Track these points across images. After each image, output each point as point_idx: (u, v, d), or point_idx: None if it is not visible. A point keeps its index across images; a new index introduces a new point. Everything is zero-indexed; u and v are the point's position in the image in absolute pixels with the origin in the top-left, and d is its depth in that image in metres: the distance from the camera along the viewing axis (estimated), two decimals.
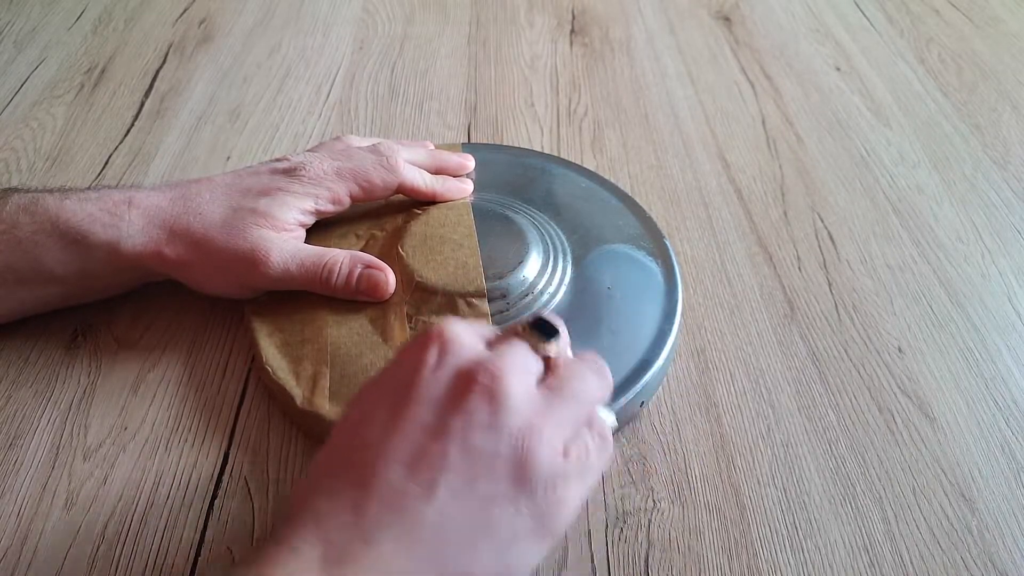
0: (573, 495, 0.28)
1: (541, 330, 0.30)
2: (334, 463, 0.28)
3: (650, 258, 0.44)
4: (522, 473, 0.27)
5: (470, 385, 0.27)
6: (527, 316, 0.31)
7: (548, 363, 0.30)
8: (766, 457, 0.37)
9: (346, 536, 0.25)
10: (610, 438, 0.30)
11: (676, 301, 0.41)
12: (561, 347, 0.30)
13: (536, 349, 0.30)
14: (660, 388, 0.40)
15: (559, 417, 0.28)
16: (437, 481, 0.26)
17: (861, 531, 0.35)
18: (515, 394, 0.27)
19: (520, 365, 0.29)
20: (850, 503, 0.36)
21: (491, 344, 0.30)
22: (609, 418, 0.31)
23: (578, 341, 0.38)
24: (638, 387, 0.37)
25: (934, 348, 0.42)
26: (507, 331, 0.31)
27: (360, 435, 0.28)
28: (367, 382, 0.30)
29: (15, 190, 0.40)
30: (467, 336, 0.29)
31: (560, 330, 0.30)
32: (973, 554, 0.34)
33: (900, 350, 0.42)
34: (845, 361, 0.42)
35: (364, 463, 0.26)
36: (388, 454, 0.26)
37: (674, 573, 0.33)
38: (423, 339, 0.29)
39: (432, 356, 0.28)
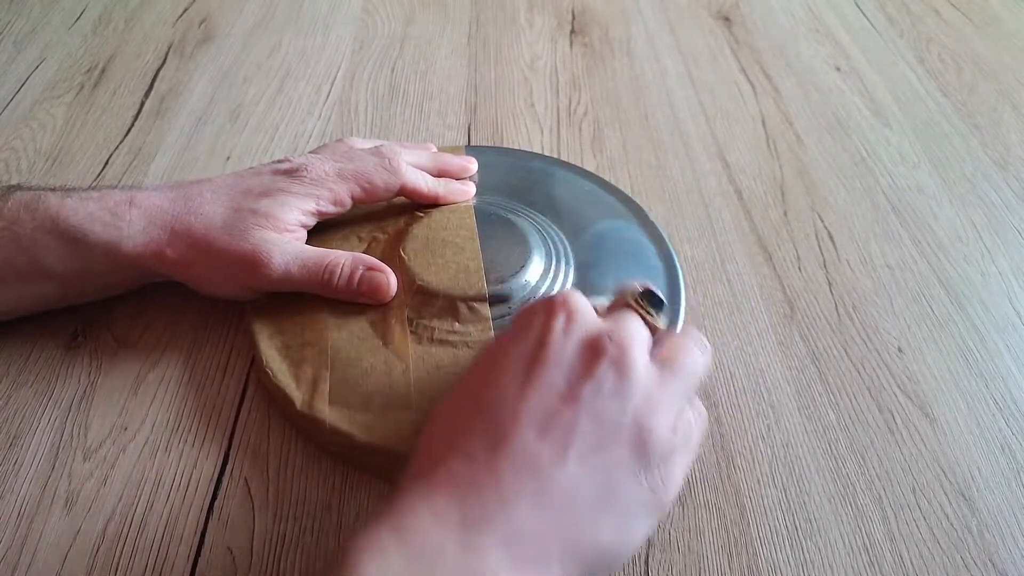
0: (680, 468, 0.29)
1: (651, 302, 0.31)
2: (467, 419, 0.28)
3: (652, 263, 0.44)
4: (642, 445, 0.28)
5: (599, 354, 0.28)
6: (634, 286, 0.32)
7: (654, 332, 0.31)
8: (766, 457, 0.37)
9: (482, 499, 0.26)
10: (706, 413, 0.32)
11: (679, 306, 0.41)
12: (667, 319, 0.32)
13: (646, 321, 0.31)
14: None
15: (670, 390, 0.29)
16: (569, 445, 0.27)
17: (861, 531, 0.35)
18: (638, 366, 0.28)
19: (638, 336, 0.30)
20: (850, 503, 0.36)
21: (603, 314, 0.31)
22: None
23: None
24: None
25: (934, 348, 0.42)
26: (618, 301, 0.32)
27: (493, 392, 0.28)
28: (493, 342, 0.31)
29: (17, 187, 0.40)
30: (588, 306, 0.31)
31: (664, 301, 0.32)
32: (973, 554, 0.34)
33: (900, 350, 0.42)
34: (845, 361, 0.42)
35: (498, 423, 0.27)
36: (522, 418, 0.27)
37: (674, 573, 0.33)
38: (548, 306, 0.30)
39: (560, 322, 0.29)
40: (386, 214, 0.46)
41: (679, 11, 0.72)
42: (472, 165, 0.49)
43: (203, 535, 0.34)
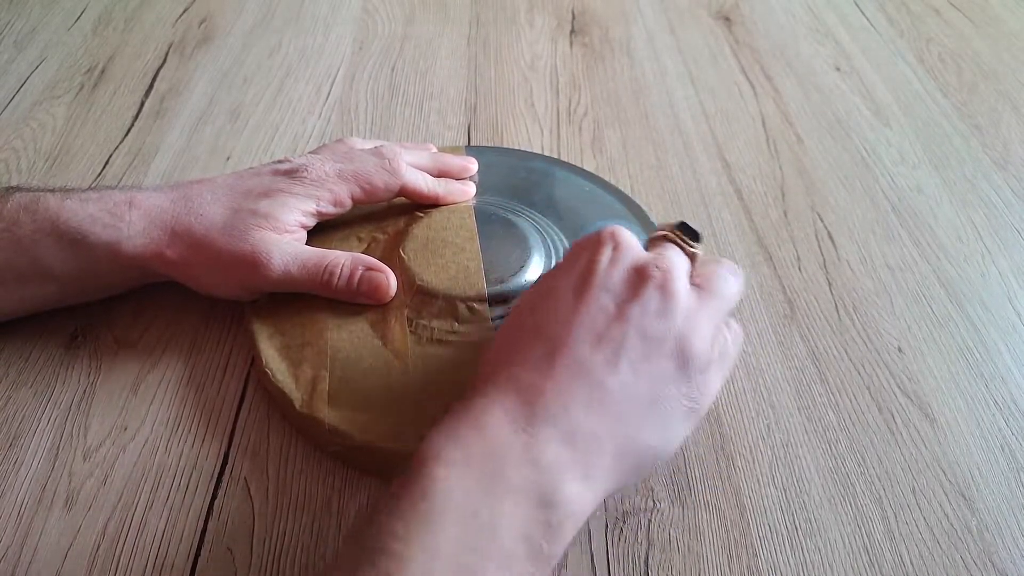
0: (716, 381, 0.32)
1: (689, 233, 0.34)
2: (523, 336, 0.31)
3: None
4: (684, 358, 0.31)
5: (645, 279, 0.31)
6: (673, 221, 0.35)
7: (693, 261, 0.34)
8: (766, 457, 0.37)
9: (544, 400, 0.29)
10: (741, 331, 0.34)
11: None
12: (704, 248, 0.35)
13: (684, 250, 0.34)
14: None
15: (708, 311, 0.32)
16: (619, 356, 0.30)
17: (861, 531, 0.35)
18: (679, 290, 0.31)
19: (679, 264, 0.33)
20: (850, 503, 0.36)
21: (648, 246, 0.35)
22: None
23: None
24: None
25: (934, 348, 0.42)
26: (659, 236, 0.35)
27: (547, 312, 0.32)
28: (546, 274, 0.35)
29: (16, 189, 0.40)
30: (633, 238, 0.34)
31: (700, 233, 0.35)
32: (973, 554, 0.34)
33: (900, 350, 0.42)
34: (845, 361, 0.42)
35: (554, 336, 0.30)
36: (575, 330, 0.30)
37: (674, 573, 0.33)
38: (596, 238, 0.33)
39: (607, 252, 0.33)
40: (386, 214, 0.46)
41: (679, 11, 0.72)
42: (472, 165, 0.49)
43: (203, 535, 0.34)
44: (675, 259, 0.33)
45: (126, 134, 0.56)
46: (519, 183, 0.49)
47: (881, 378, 0.41)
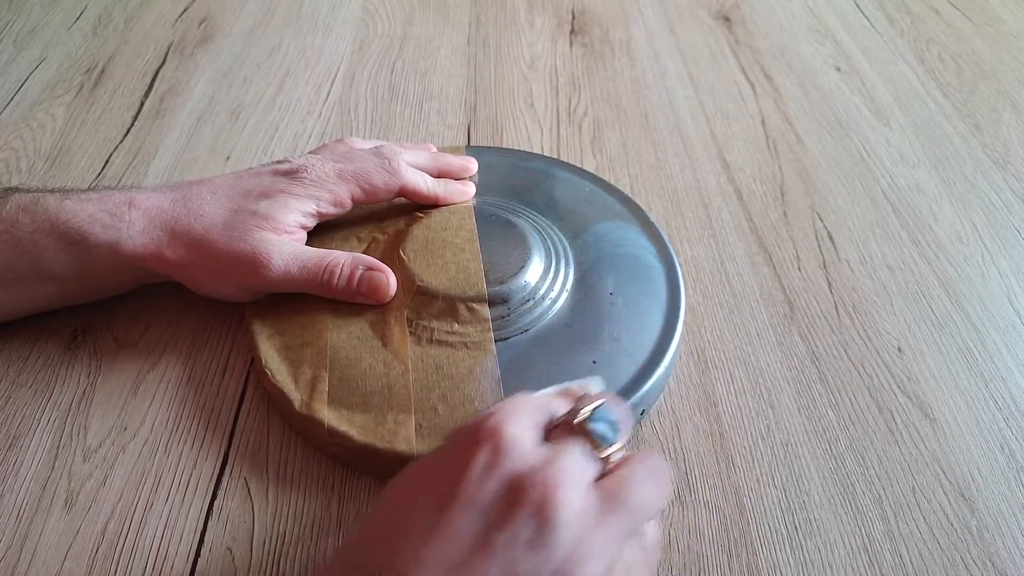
0: None
1: (601, 431, 0.28)
2: (372, 555, 0.26)
3: (653, 264, 0.44)
4: None
5: (520, 498, 0.25)
6: (587, 407, 0.28)
7: (606, 463, 0.28)
8: (766, 457, 0.37)
9: None
10: (656, 550, 0.28)
11: (679, 309, 0.41)
12: (621, 446, 0.28)
13: (597, 448, 0.27)
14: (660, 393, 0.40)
15: (608, 530, 0.26)
16: None
17: (860, 530, 0.35)
18: (564, 512, 0.25)
19: (576, 472, 0.26)
20: (850, 503, 0.36)
21: (550, 434, 0.28)
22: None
23: (579, 348, 0.39)
24: (638, 396, 0.37)
25: (934, 348, 0.42)
26: (564, 424, 0.28)
27: (397, 533, 0.26)
28: (409, 469, 0.28)
29: (16, 190, 0.40)
30: (523, 436, 0.27)
31: (623, 428, 0.28)
32: (973, 554, 0.34)
33: (900, 350, 0.42)
34: (845, 361, 0.42)
35: (401, 568, 0.25)
36: (424, 564, 0.25)
37: (674, 573, 0.33)
38: (473, 435, 0.27)
39: (484, 457, 0.26)
40: (386, 215, 0.46)
41: (679, 11, 0.72)
42: (472, 165, 0.49)
43: (203, 535, 0.34)
44: (570, 466, 0.26)
45: (126, 134, 0.56)
46: (519, 183, 0.49)
47: (881, 378, 0.41)
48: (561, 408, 0.29)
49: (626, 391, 0.37)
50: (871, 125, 0.59)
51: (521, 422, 0.27)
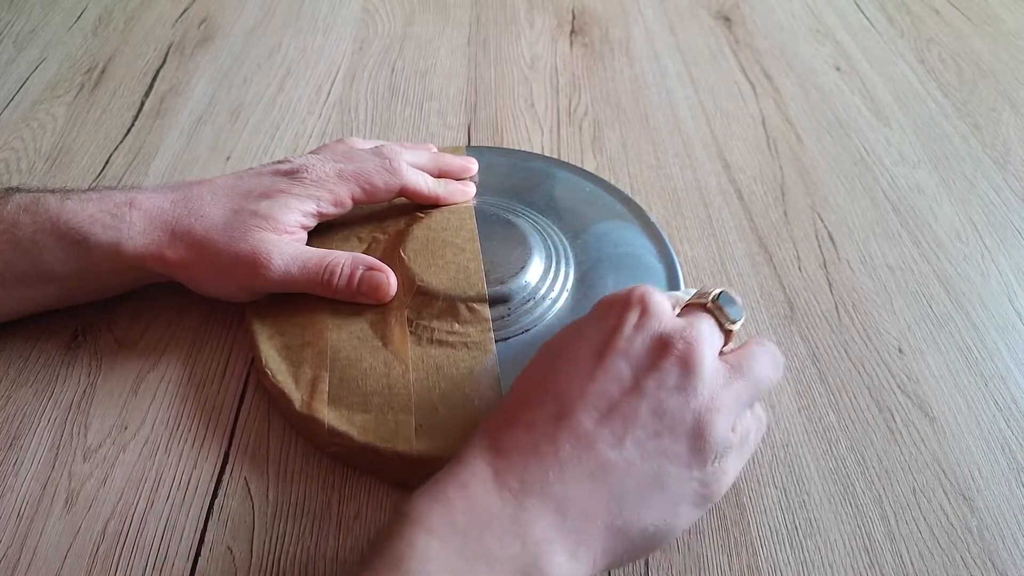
0: (733, 469, 0.30)
1: (728, 307, 0.32)
2: (534, 394, 0.30)
3: (653, 264, 0.44)
4: (700, 441, 0.29)
5: (667, 350, 0.29)
6: (714, 290, 0.32)
7: (728, 337, 0.32)
8: (766, 457, 0.37)
9: (542, 467, 0.27)
10: (766, 419, 0.33)
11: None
12: (742, 324, 0.32)
13: (720, 324, 0.32)
14: None
15: (734, 393, 0.30)
16: (626, 432, 0.28)
17: (861, 530, 0.35)
18: (704, 365, 0.29)
19: (709, 337, 0.31)
20: (850, 503, 0.36)
21: (681, 312, 0.32)
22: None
23: None
24: None
25: (934, 348, 0.42)
26: (695, 303, 0.33)
27: (561, 374, 0.30)
28: (563, 330, 0.33)
29: (16, 190, 0.40)
30: (664, 304, 0.32)
31: (743, 309, 0.32)
32: (973, 554, 0.34)
33: (900, 350, 0.42)
34: (845, 361, 0.42)
35: (563, 402, 0.29)
36: (586, 399, 0.29)
37: (674, 573, 0.33)
38: (625, 299, 0.31)
39: (633, 317, 0.31)
40: (386, 215, 0.46)
41: (679, 11, 0.72)
42: (473, 165, 0.49)
43: (203, 535, 0.34)
44: (705, 331, 0.31)
45: (126, 134, 0.56)
46: (519, 183, 0.49)
47: (881, 378, 0.41)
48: (684, 297, 0.34)
49: None
50: (871, 125, 0.59)
51: (661, 296, 0.32)
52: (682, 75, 0.63)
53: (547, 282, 0.41)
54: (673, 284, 0.43)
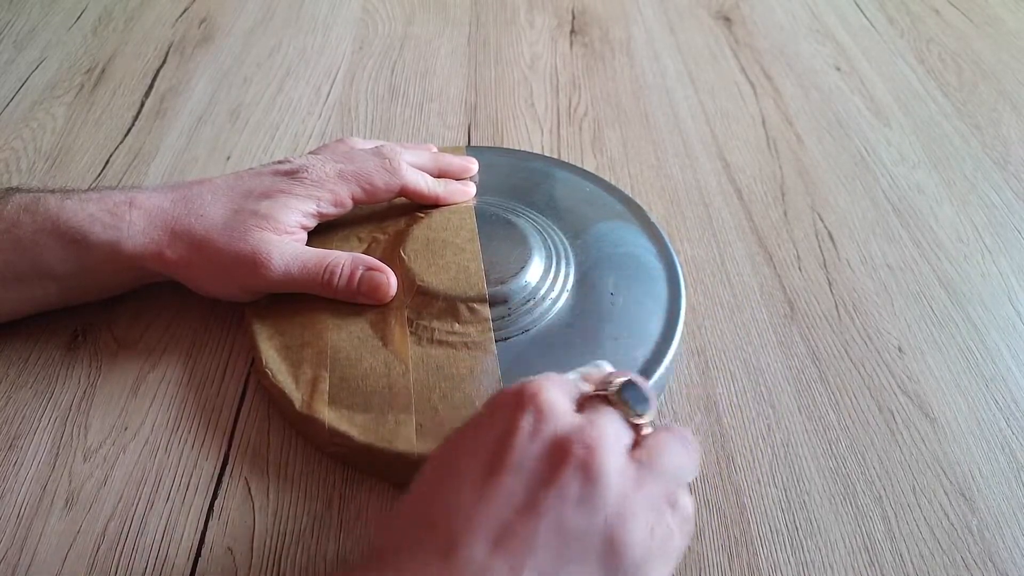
0: None
1: (634, 399, 0.29)
2: (419, 518, 0.27)
3: (653, 265, 0.44)
4: (613, 555, 0.25)
5: (565, 457, 0.26)
6: (617, 380, 0.29)
7: (638, 431, 0.29)
8: (766, 457, 0.37)
9: None
10: (692, 518, 0.29)
11: (679, 309, 0.41)
12: (652, 417, 0.29)
13: (627, 418, 0.29)
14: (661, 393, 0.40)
15: (648, 494, 0.27)
16: (524, 561, 0.25)
17: (861, 530, 0.35)
18: (608, 470, 0.26)
19: (614, 436, 0.27)
20: (850, 502, 0.36)
21: (581, 407, 0.29)
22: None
23: (580, 348, 0.39)
24: None
25: (934, 348, 0.42)
26: (597, 395, 0.29)
27: (448, 495, 0.27)
28: (456, 432, 0.29)
29: (16, 190, 0.40)
30: (561, 402, 0.28)
31: (652, 400, 0.29)
32: (973, 553, 0.34)
33: (900, 350, 0.42)
34: (845, 361, 0.42)
35: (450, 531, 0.25)
36: (475, 526, 0.25)
37: (674, 573, 0.33)
38: (516, 400, 0.28)
39: (527, 422, 0.27)
40: (386, 215, 0.46)
41: (679, 11, 0.72)
42: (473, 165, 0.49)
43: (203, 535, 0.34)
44: (609, 430, 0.27)
45: (126, 134, 0.56)
46: (519, 183, 0.49)
47: (881, 378, 0.41)
48: (585, 386, 0.30)
49: None
50: (871, 125, 0.59)
51: (558, 392, 0.29)
52: (682, 75, 0.63)
53: (547, 282, 0.41)
54: (673, 284, 0.42)
